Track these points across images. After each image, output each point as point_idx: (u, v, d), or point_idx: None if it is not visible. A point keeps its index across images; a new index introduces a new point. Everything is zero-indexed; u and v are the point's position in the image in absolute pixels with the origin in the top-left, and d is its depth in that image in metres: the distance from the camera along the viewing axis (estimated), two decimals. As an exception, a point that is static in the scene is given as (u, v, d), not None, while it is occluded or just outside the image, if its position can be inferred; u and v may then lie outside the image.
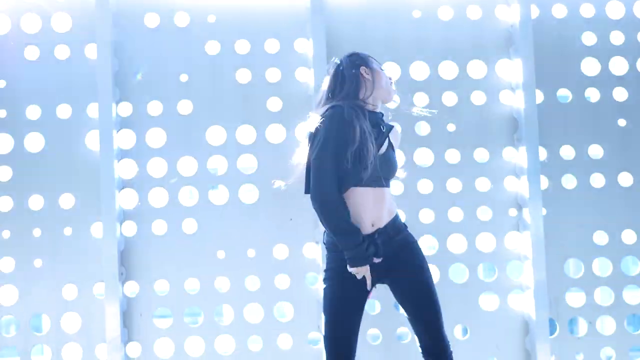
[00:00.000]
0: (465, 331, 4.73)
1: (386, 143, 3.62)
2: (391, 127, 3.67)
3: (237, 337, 4.56)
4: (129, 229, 4.54)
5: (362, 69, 3.67)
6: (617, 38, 4.88)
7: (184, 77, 4.60)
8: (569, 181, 4.79)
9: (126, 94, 4.58)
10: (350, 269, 3.41)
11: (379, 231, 3.54)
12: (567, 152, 4.81)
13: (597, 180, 4.81)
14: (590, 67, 4.86)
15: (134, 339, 4.52)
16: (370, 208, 3.55)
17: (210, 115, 4.60)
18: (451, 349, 3.72)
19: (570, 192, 4.78)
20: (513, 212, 4.72)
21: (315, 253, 4.58)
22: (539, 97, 4.76)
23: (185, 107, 4.60)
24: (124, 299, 4.50)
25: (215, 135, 4.60)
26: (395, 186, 4.56)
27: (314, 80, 4.53)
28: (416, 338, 3.78)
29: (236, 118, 4.62)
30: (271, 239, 4.59)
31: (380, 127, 3.61)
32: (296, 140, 4.60)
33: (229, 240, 4.58)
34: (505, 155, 4.74)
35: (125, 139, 4.56)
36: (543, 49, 4.78)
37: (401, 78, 4.65)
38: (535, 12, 4.78)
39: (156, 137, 4.58)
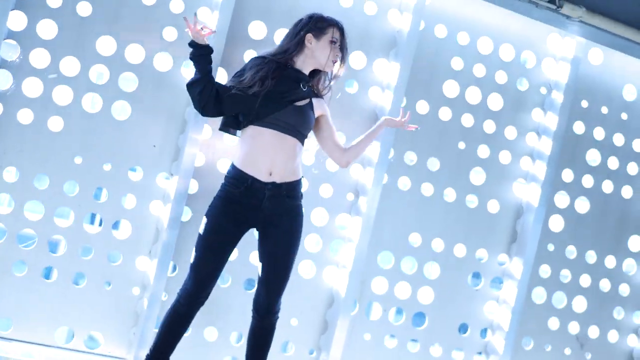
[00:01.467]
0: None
1: (304, 101, 4.00)
2: (314, 94, 4.05)
3: (71, 244, 4.64)
4: (-7, 110, 4.49)
5: (306, 36, 4.05)
6: (479, 71, 5.42)
7: (91, -20, 4.60)
8: (405, 183, 5.29)
9: (27, -23, 4.51)
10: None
11: (273, 184, 3.91)
12: (410, 157, 5.29)
13: (427, 189, 5.34)
14: (450, 89, 5.37)
15: (-32, 218, 4.51)
16: (269, 151, 3.94)
17: (105, 25, 4.61)
18: (278, 315, 4.12)
19: (403, 193, 5.27)
20: (350, 196, 5.15)
21: (166, 184, 4.75)
22: (402, 102, 5.20)
23: (84, 8, 4.58)
24: (-31, 178, 4.46)
25: (105, 45, 4.63)
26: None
27: (216, 25, 4.67)
28: (254, 291, 4.13)
29: (130, 36, 4.66)
30: (130, 160, 4.70)
31: (299, 85, 4.00)
32: (180, 73, 4.75)
33: (90, 149, 4.63)
34: (359, 145, 5.15)
35: (15, 20, 4.48)
36: (416, 60, 5.21)
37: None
38: (421, 25, 5.21)
39: (48, 29, 4.54)
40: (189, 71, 4.71)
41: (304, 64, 4.13)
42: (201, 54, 3.97)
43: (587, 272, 5.81)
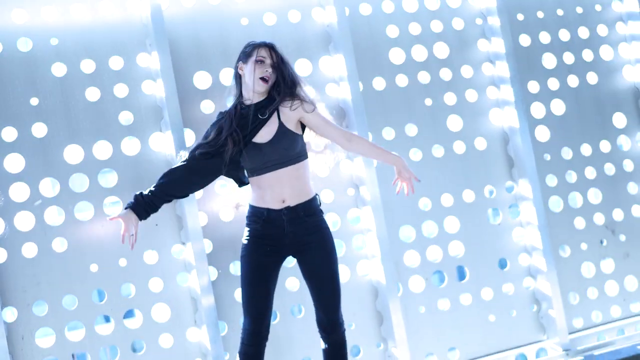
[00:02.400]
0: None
1: (273, 129, 4.08)
2: (272, 111, 4.13)
3: (120, 345, 4.73)
4: (-1, 255, 4.57)
5: (239, 65, 4.15)
6: (415, 29, 5.56)
7: (34, 101, 4.67)
8: (394, 158, 5.40)
9: (-24, 124, 4.59)
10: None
11: (288, 208, 4.03)
12: (388, 133, 5.42)
13: (416, 155, 5.47)
14: (396, 55, 5.50)
15: (19, 363, 4.58)
16: (276, 188, 4.04)
17: (65, 135, 4.71)
18: (344, 328, 4.25)
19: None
20: (351, 191, 5.26)
21: (184, 253, 4.85)
22: (360, 86, 5.32)
23: (39, 129, 4.68)
24: (4, 325, 4.52)
25: (73, 153, 4.72)
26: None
27: (164, 91, 4.78)
28: (315, 312, 4.25)
29: (91, 135, 4.76)
30: (140, 246, 4.78)
31: (250, 118, 4.08)
32: (151, 149, 4.85)
33: (100, 253, 4.73)
34: (337, 142, 5.26)
35: (-17, 167, 4.57)
36: (355, 44, 5.34)
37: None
38: (347, 11, 5.33)
39: (15, 163, 4.63)
40: (158, 145, 4.84)
41: (249, 94, 4.22)
42: (139, 209, 4.19)
43: (589, 164, 5.95)
